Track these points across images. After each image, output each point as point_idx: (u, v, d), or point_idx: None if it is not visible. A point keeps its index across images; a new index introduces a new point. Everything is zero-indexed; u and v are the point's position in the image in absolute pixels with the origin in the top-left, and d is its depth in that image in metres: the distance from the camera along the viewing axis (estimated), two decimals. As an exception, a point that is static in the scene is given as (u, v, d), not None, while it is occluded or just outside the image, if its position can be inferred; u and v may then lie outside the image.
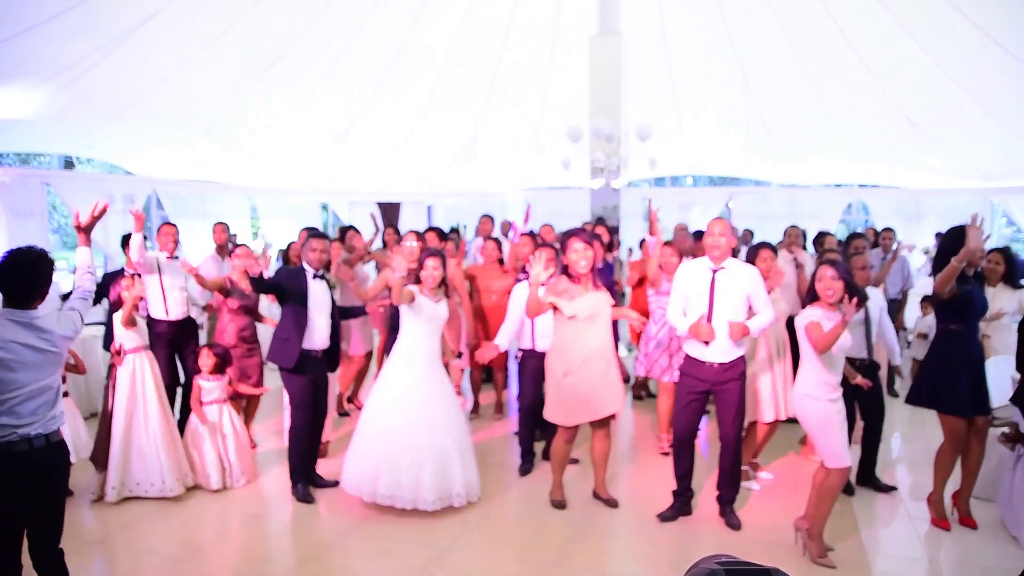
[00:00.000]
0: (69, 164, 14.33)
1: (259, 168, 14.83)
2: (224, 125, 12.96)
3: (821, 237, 7.48)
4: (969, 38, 10.78)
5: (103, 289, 5.87)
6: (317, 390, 5.09)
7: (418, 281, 4.77)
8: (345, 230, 7.36)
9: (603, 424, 4.76)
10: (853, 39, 11.84)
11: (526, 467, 5.56)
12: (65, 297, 9.18)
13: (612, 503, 4.86)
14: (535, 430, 5.64)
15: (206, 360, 5.25)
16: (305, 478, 5.08)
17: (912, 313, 8.15)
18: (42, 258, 3.12)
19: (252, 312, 5.86)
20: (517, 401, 6.06)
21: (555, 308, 4.54)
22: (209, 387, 5.24)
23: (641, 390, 7.56)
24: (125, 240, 6.50)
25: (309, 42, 11.96)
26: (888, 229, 8.27)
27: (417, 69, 13.28)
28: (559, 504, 4.84)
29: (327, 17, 11.66)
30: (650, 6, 12.23)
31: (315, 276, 4.97)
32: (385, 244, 7.55)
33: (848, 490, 4.98)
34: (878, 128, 13.34)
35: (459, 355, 6.40)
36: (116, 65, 10.61)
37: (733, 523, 4.50)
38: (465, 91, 13.86)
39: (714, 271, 4.39)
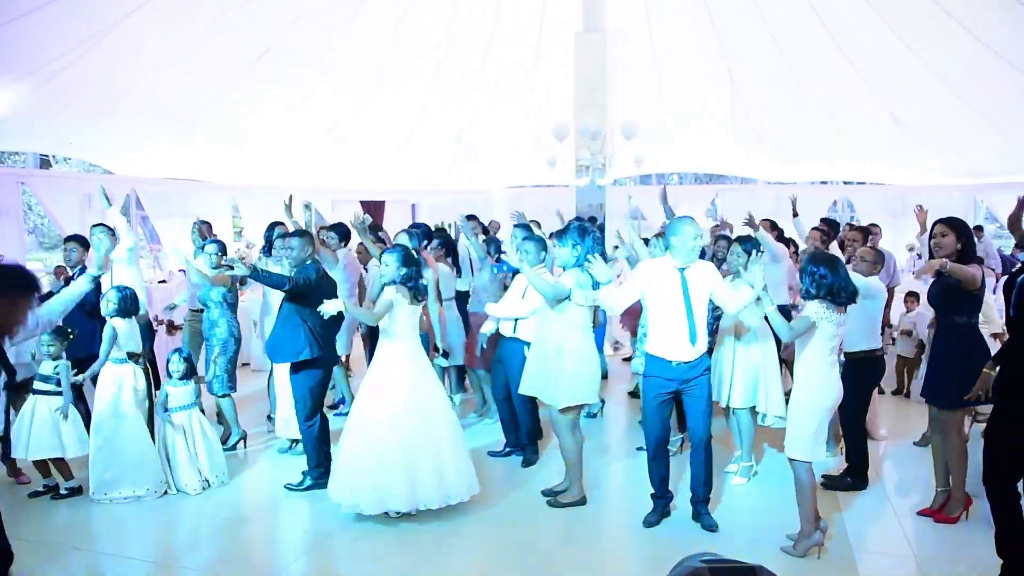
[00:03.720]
0: (45, 163, 14.14)
1: (241, 167, 14.71)
2: (206, 123, 12.83)
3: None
4: (954, 36, 10.80)
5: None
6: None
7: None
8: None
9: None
10: (838, 36, 11.86)
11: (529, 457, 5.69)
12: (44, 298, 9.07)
13: (552, 503, 4.83)
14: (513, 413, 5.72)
15: (176, 366, 5.15)
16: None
17: (897, 310, 8.14)
18: None
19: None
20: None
21: None
22: (177, 393, 5.14)
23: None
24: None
25: (292, 41, 11.85)
26: (874, 224, 8.24)
27: (402, 67, 13.19)
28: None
29: (311, 15, 11.56)
30: (636, 3, 12.19)
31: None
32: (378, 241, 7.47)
33: (859, 485, 4.96)
34: (863, 125, 13.38)
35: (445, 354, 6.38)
36: (95, 63, 10.46)
37: (709, 525, 4.41)
38: (450, 89, 13.79)
39: (682, 270, 4.30)
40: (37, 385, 4.97)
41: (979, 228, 13.35)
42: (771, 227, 6.95)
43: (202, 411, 5.40)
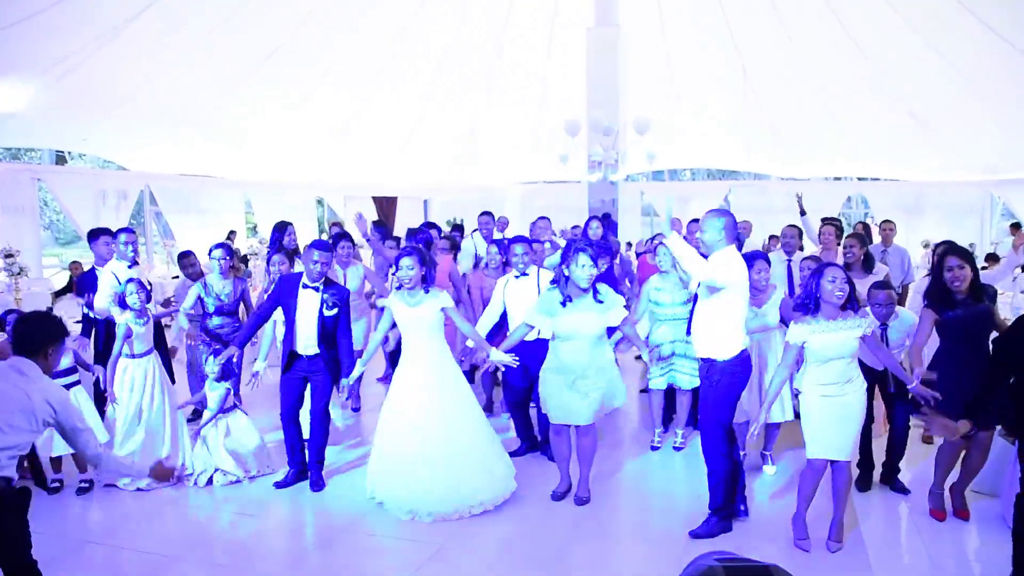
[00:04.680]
0: (61, 159, 14.23)
1: (254, 163, 14.77)
2: (219, 120, 12.90)
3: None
4: (972, 32, 10.71)
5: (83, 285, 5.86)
6: (309, 388, 5.04)
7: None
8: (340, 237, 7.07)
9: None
10: (854, 33, 11.77)
11: (521, 450, 5.61)
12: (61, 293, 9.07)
13: (580, 500, 4.74)
14: (526, 416, 5.61)
15: (211, 368, 5.17)
16: (297, 463, 5.10)
17: (912, 308, 8.07)
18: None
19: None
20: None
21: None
22: (211, 395, 5.18)
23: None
24: (94, 234, 6.30)
25: (305, 36, 11.88)
26: (888, 221, 8.12)
27: (414, 64, 13.21)
28: (557, 495, 4.80)
29: (324, 11, 11.59)
30: (648, -2, 12.17)
31: (305, 287, 4.88)
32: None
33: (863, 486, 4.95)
34: (880, 122, 13.28)
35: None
36: (110, 59, 10.53)
37: (694, 532, 4.27)
38: (462, 86, 13.79)
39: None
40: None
41: (1017, 226, 13.27)
42: (799, 234, 6.81)
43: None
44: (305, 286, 4.86)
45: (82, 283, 6.19)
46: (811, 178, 16.03)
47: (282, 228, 7.08)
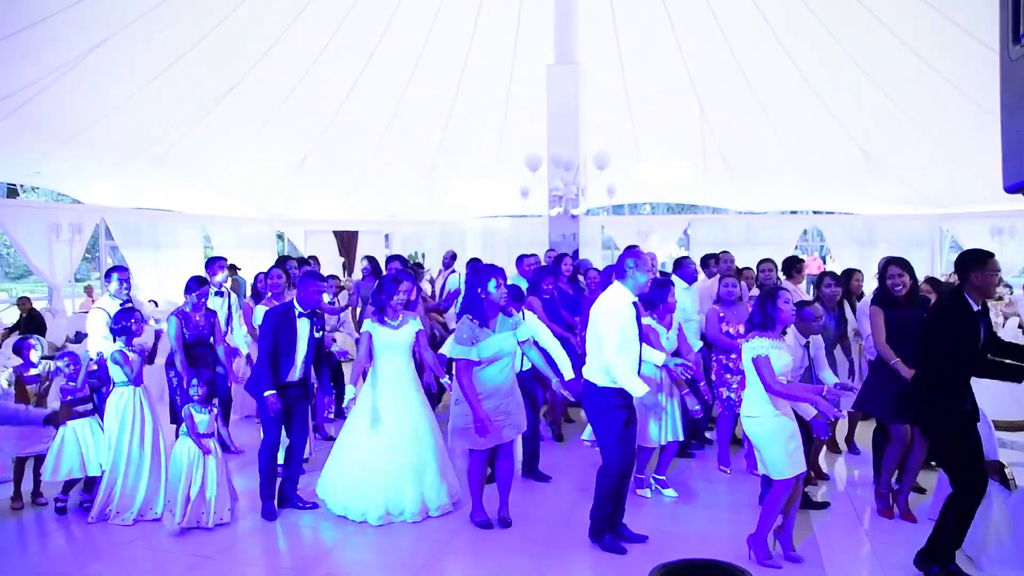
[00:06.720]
0: (12, 192, 13.93)
1: (213, 197, 14.62)
2: (177, 153, 12.78)
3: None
4: (918, 73, 11.17)
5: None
6: (291, 414, 5.13)
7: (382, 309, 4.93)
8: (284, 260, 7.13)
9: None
10: (806, 71, 12.16)
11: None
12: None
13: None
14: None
15: (196, 389, 5.02)
16: (272, 495, 5.10)
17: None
18: None
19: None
20: None
21: None
22: (201, 419, 4.95)
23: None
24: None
25: (265, 70, 11.88)
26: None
27: (375, 98, 13.26)
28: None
29: (284, 45, 11.61)
30: (607, 36, 12.41)
31: (300, 315, 5.04)
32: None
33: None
34: (832, 158, 13.66)
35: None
36: (65, 91, 10.40)
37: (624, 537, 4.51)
38: (424, 120, 13.87)
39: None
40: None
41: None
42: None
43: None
44: (301, 315, 5.05)
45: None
46: (768, 211, 16.37)
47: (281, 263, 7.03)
